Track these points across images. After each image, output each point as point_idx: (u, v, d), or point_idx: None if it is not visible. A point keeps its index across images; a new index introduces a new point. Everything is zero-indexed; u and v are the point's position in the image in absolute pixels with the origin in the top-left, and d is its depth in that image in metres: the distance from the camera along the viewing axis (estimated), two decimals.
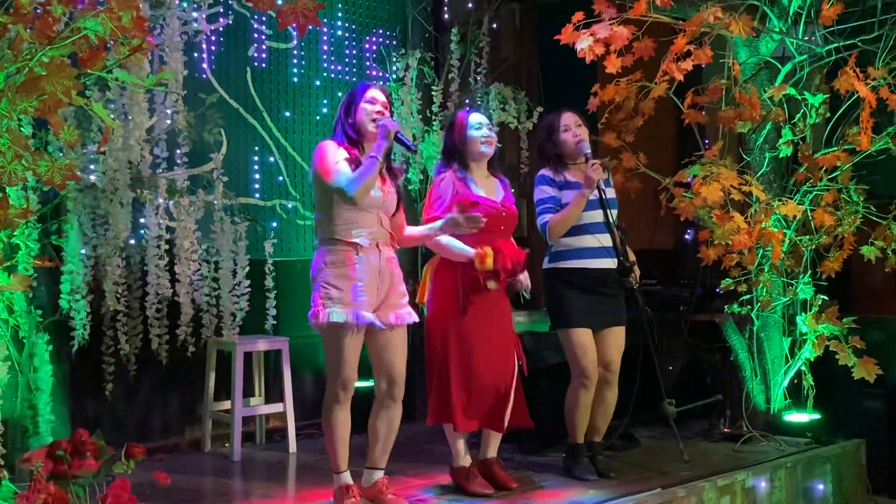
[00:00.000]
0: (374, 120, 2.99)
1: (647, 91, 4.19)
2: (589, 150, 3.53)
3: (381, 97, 3.06)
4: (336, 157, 2.95)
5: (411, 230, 3.20)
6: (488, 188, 3.38)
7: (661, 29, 4.08)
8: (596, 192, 3.46)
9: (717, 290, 4.57)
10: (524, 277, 3.36)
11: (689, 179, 4.11)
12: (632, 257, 3.58)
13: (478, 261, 3.18)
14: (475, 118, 3.40)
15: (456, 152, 3.39)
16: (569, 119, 3.63)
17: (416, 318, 3.12)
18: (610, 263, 3.54)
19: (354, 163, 2.95)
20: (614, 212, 3.59)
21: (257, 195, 4.77)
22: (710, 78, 4.25)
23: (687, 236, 4.87)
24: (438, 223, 3.12)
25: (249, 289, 4.20)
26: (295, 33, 4.86)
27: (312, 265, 3.03)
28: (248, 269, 4.21)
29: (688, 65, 3.97)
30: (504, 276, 3.23)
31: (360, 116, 3.02)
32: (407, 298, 3.13)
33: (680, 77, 3.99)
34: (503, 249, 3.25)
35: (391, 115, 3.09)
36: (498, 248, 3.24)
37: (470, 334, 3.28)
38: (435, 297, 3.37)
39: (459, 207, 3.14)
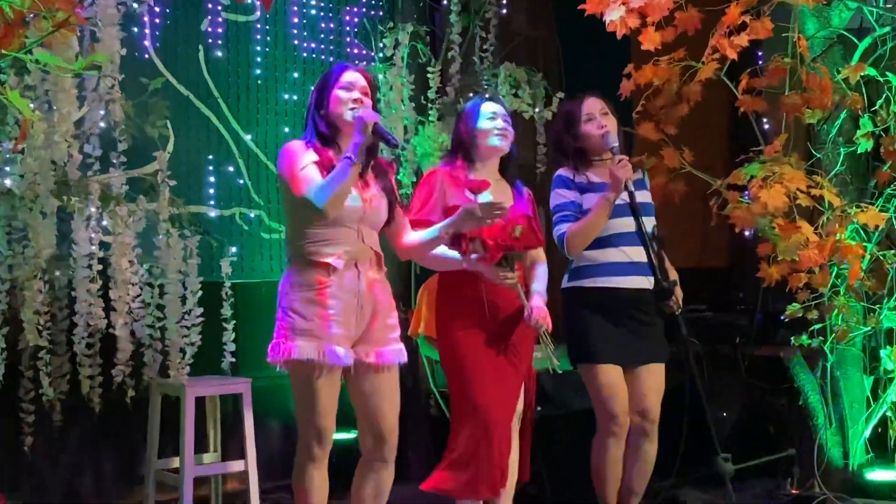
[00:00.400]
0: (351, 110, 2.99)
1: (694, 72, 4.19)
2: (616, 144, 3.55)
3: (361, 81, 3.05)
4: (303, 160, 2.94)
5: (413, 237, 3.19)
6: (496, 194, 3.38)
7: None
8: (624, 194, 3.47)
9: (782, 318, 4.54)
10: (538, 315, 3.32)
11: (746, 181, 4.11)
12: (672, 275, 3.58)
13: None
14: (489, 107, 3.42)
15: (462, 146, 3.41)
16: (592, 106, 3.64)
17: (404, 358, 3.10)
18: (644, 283, 3.54)
19: (327, 166, 2.94)
20: (649, 219, 3.58)
21: (212, 202, 4.78)
22: (771, 56, 4.24)
23: (746, 233, 4.83)
24: (449, 220, 3.09)
25: (202, 318, 4.19)
26: (259, 3, 4.89)
27: (279, 288, 3.03)
28: (200, 293, 4.20)
29: (743, 40, 3.98)
30: (494, 244, 3.19)
31: (334, 106, 3.01)
32: (397, 333, 3.11)
33: (733, 55, 4.00)
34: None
35: (374, 104, 3.07)
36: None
37: (480, 367, 3.29)
38: (439, 327, 3.37)
39: (472, 191, 3.12)
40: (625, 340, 3.55)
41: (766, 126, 4.71)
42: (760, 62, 4.50)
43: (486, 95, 3.64)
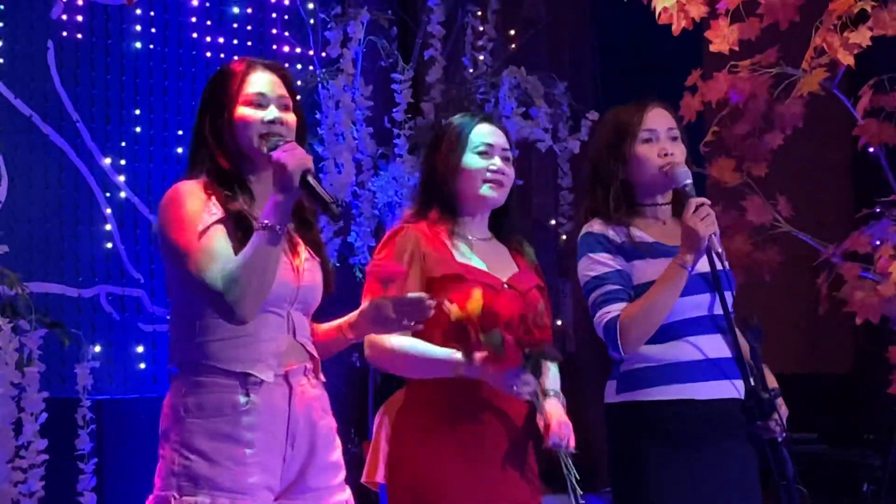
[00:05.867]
0: (262, 137, 2.95)
1: (791, 84, 4.29)
2: (690, 182, 3.50)
3: (277, 87, 3.03)
4: (197, 218, 2.92)
5: (319, 330, 3.21)
6: (491, 259, 3.42)
7: None
8: (703, 259, 3.46)
9: None
10: (560, 429, 3.35)
11: (872, 247, 4.19)
12: (771, 381, 3.56)
13: (455, 310, 3.17)
14: (482, 134, 3.43)
15: (438, 192, 3.43)
16: (658, 120, 3.58)
17: None
18: (730, 389, 3.50)
19: (239, 225, 2.91)
20: (729, 295, 3.58)
21: (65, 278, 4.84)
22: None
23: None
24: (353, 315, 3.09)
25: (47, 455, 4.22)
26: None
27: (164, 411, 3.04)
28: (44, 416, 4.23)
29: (863, 36, 4.06)
30: (513, 339, 3.19)
31: (237, 132, 3.00)
32: (341, 477, 3.13)
33: (849, 60, 4.07)
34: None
35: (300, 133, 3.04)
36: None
37: None
38: (406, 471, 3.37)
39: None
40: (701, 481, 3.52)
41: None
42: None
43: (479, 115, 3.64)
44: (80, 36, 4.93)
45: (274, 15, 5.37)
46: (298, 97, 3.08)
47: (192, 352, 2.96)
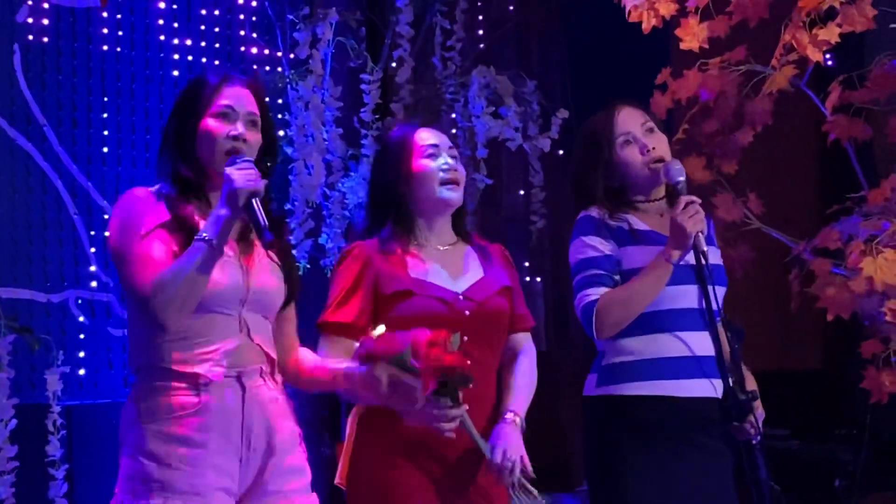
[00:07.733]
0: (227, 153, 2.95)
1: (760, 81, 4.28)
2: (682, 179, 3.51)
3: (246, 102, 3.03)
4: (138, 223, 2.92)
5: (314, 362, 3.19)
6: (453, 268, 3.40)
7: None
8: (690, 254, 3.46)
9: None
10: (508, 449, 3.31)
11: (842, 243, 4.19)
12: (750, 383, 3.56)
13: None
14: (424, 137, 3.43)
15: (392, 205, 3.42)
16: (629, 121, 3.59)
17: None
18: (710, 389, 3.51)
19: (183, 231, 2.90)
20: (721, 291, 3.58)
21: (34, 282, 4.81)
22: (875, 57, 4.35)
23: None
24: (350, 369, 3.04)
25: (17, 463, 4.20)
26: None
27: (122, 418, 3.02)
28: (14, 422, 4.22)
29: (831, 33, 4.07)
30: (423, 366, 3.11)
31: (203, 144, 3.01)
32: (306, 481, 3.11)
33: (818, 56, 4.08)
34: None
35: (269, 150, 3.07)
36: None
37: None
38: (355, 470, 3.36)
39: (373, 356, 3.04)
40: (677, 482, 3.52)
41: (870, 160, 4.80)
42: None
43: (415, 123, 3.63)
44: (46, 39, 4.91)
45: (242, 16, 5.35)
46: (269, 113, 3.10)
47: (146, 356, 2.97)
